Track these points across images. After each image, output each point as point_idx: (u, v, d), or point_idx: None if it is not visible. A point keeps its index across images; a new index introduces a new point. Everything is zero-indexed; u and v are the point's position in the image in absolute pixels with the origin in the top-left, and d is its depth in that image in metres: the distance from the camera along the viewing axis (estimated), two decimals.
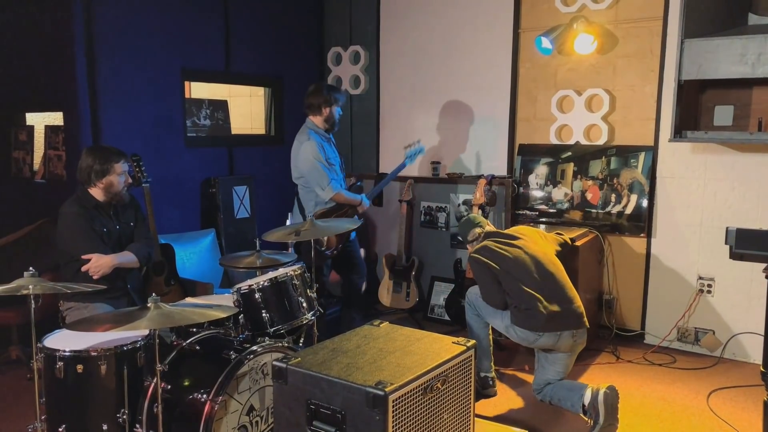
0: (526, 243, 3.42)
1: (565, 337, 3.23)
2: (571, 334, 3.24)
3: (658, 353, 4.30)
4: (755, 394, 3.62)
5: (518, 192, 4.84)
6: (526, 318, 3.24)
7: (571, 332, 3.23)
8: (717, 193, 4.19)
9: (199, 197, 4.89)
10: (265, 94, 5.62)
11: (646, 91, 4.37)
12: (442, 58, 5.16)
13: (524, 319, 3.25)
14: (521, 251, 3.36)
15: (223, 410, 2.55)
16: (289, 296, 3.05)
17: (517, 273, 3.29)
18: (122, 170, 3.26)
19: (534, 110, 4.81)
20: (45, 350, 2.58)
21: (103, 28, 4.12)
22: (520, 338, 3.32)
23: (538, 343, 3.28)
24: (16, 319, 3.94)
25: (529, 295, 3.23)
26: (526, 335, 3.27)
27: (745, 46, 3.60)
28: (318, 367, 2.24)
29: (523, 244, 3.40)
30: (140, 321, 2.31)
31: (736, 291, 4.18)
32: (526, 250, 3.37)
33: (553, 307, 3.23)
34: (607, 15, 4.43)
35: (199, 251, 4.66)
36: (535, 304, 3.22)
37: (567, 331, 3.22)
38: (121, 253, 3.29)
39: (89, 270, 3.12)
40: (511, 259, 3.32)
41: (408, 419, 2.15)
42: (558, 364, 3.31)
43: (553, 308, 3.22)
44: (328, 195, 4.05)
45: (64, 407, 2.59)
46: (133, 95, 4.33)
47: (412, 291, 5.10)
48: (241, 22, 5.05)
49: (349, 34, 5.66)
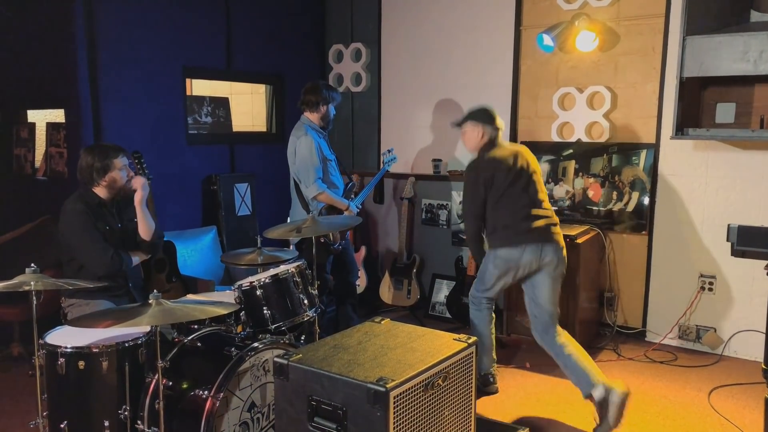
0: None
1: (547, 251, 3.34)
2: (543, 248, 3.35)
3: (660, 351, 4.30)
4: (756, 392, 3.62)
5: None
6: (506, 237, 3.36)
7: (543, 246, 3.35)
8: (719, 190, 4.19)
9: (201, 194, 4.90)
10: (266, 92, 5.62)
11: (647, 88, 4.37)
12: (444, 55, 5.15)
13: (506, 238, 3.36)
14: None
15: (225, 407, 2.55)
16: (290, 293, 3.05)
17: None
18: (122, 165, 3.24)
19: (535, 107, 4.81)
20: (47, 347, 2.58)
21: (105, 26, 4.12)
22: (505, 261, 3.37)
23: (522, 260, 3.34)
24: (18, 316, 3.95)
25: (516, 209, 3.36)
26: (509, 254, 3.35)
27: (747, 43, 3.59)
28: (319, 364, 2.24)
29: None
30: (142, 317, 2.31)
31: (737, 288, 4.18)
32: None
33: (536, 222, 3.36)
34: (609, 12, 4.43)
35: (201, 248, 4.66)
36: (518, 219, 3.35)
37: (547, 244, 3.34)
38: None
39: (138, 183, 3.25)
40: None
41: (409, 416, 2.15)
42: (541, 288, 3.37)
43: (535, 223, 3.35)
44: (312, 193, 3.99)
45: (66, 403, 2.60)
46: (134, 92, 4.33)
47: (414, 288, 5.11)
48: (242, 20, 5.05)
49: (350, 31, 5.65)
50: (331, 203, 4.08)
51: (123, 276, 3.29)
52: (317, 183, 3.98)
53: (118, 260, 3.15)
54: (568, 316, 4.08)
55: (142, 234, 3.31)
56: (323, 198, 4.02)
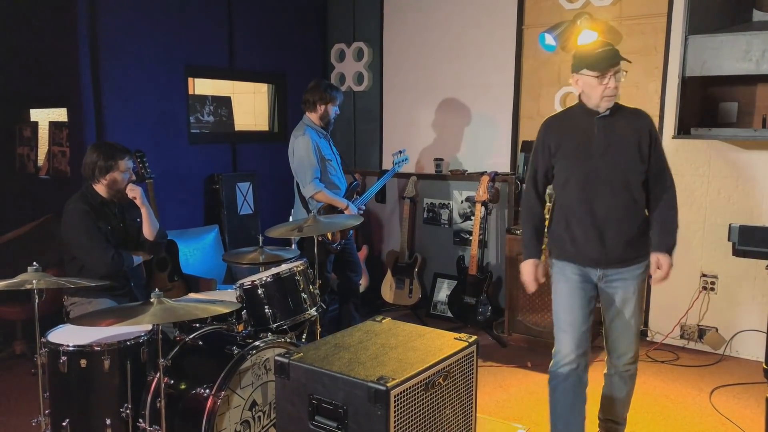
0: None
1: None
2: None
3: (661, 350, 4.30)
4: (758, 392, 3.62)
5: (521, 189, 4.83)
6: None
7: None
8: (720, 190, 4.18)
9: (203, 193, 4.91)
10: (268, 91, 5.62)
11: (649, 87, 4.36)
12: (446, 54, 5.15)
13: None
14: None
15: (226, 405, 2.56)
16: (292, 292, 3.06)
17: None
18: (126, 167, 3.25)
19: (537, 107, 4.81)
20: (49, 345, 2.59)
21: (107, 25, 4.13)
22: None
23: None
24: (21, 314, 3.97)
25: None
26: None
27: (750, 42, 3.59)
28: (320, 363, 2.24)
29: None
30: (143, 316, 2.32)
31: (739, 288, 4.17)
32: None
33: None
34: (611, 11, 4.42)
35: (203, 247, 4.67)
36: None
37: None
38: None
39: (136, 192, 3.21)
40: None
41: (410, 415, 2.15)
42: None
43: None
44: (308, 192, 4.00)
45: (68, 402, 2.60)
46: (136, 91, 4.34)
47: (415, 288, 5.11)
48: (244, 19, 5.05)
49: (352, 30, 5.66)
50: (328, 202, 4.08)
51: (125, 275, 3.29)
52: (314, 183, 3.99)
53: (119, 260, 3.15)
54: None
55: (146, 234, 3.32)
56: (320, 197, 4.02)
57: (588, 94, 2.63)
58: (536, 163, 2.78)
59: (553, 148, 2.71)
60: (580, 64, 2.61)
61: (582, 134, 2.65)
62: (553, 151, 2.71)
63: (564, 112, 2.83)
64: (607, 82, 2.55)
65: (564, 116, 2.79)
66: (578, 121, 2.68)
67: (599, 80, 2.56)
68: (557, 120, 2.78)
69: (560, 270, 2.77)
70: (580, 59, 2.63)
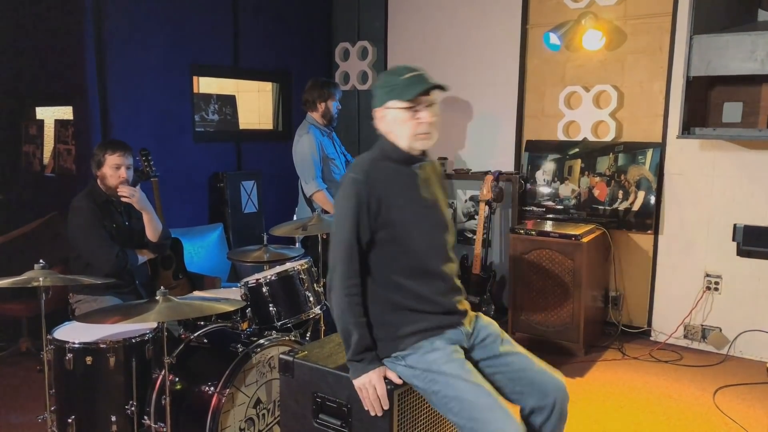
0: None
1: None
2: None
3: (665, 350, 4.30)
4: (762, 392, 3.62)
5: (525, 188, 4.84)
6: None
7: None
8: (725, 190, 4.18)
9: (207, 192, 4.92)
10: (273, 90, 5.64)
11: (654, 87, 4.36)
12: (450, 53, 5.15)
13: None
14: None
15: (230, 403, 2.57)
16: (296, 290, 3.06)
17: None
18: (116, 163, 3.16)
19: (541, 106, 4.80)
20: (55, 342, 2.60)
21: (113, 23, 4.15)
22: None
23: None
24: (27, 312, 3.98)
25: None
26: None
27: (755, 42, 3.58)
28: (324, 361, 2.25)
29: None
30: (149, 314, 2.33)
31: (743, 288, 4.17)
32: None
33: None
34: (616, 11, 4.42)
35: (207, 245, 4.68)
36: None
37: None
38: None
39: (124, 191, 3.16)
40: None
41: (413, 413, 2.16)
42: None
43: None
44: (310, 190, 3.99)
45: (74, 399, 2.62)
46: (142, 90, 4.36)
47: None
48: (249, 18, 5.06)
49: (357, 29, 5.66)
50: (325, 207, 3.89)
51: (130, 273, 3.30)
52: (316, 181, 3.99)
53: (124, 258, 3.16)
54: (573, 315, 4.08)
55: (149, 236, 3.33)
56: (319, 198, 4.01)
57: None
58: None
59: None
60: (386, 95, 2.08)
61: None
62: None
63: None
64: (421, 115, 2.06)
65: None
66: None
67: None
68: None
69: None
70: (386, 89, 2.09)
